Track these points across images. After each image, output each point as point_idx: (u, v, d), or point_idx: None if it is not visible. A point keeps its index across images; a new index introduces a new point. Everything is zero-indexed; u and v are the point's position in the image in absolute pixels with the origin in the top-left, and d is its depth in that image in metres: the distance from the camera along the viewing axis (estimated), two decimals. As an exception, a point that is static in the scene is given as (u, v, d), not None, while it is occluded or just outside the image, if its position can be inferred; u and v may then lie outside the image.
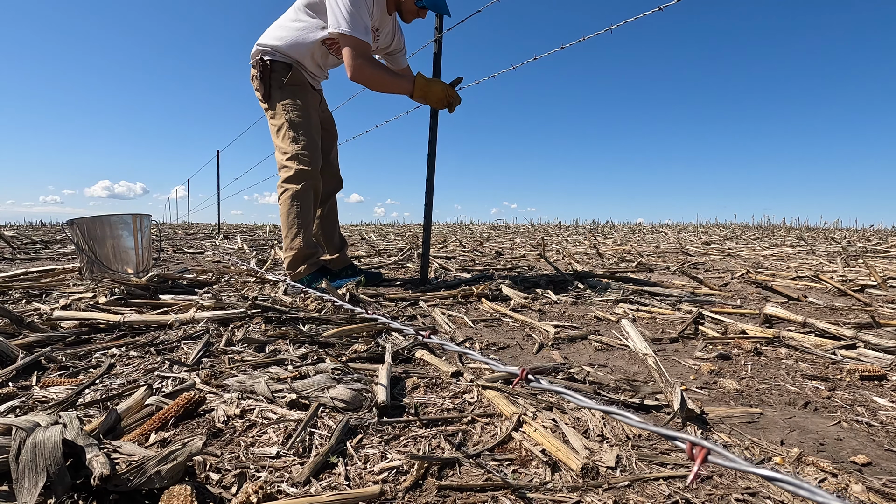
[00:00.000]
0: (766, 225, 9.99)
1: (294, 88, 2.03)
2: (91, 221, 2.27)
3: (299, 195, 2.01)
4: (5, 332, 1.25)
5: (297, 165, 2.00)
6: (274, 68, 2.01)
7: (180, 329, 1.37)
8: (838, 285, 2.18)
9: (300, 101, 2.03)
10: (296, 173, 2.01)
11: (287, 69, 2.01)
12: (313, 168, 2.03)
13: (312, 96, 2.11)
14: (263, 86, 2.03)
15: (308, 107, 2.05)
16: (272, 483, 0.64)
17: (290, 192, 2.02)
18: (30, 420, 0.64)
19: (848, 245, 5.01)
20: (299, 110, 2.02)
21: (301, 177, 2.01)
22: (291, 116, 2.01)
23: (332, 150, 2.34)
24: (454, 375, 1.04)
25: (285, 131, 2.02)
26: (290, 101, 2.02)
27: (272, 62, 2.00)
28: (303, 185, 2.01)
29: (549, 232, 8.33)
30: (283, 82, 2.01)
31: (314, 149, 2.05)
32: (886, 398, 0.98)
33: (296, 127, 2.01)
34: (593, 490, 0.65)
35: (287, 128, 2.02)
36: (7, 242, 3.89)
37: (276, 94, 2.03)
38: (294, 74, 2.02)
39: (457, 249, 4.36)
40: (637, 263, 3.21)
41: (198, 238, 6.44)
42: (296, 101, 2.02)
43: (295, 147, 2.01)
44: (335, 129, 2.37)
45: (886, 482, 0.68)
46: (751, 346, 1.30)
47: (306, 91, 2.06)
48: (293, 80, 2.02)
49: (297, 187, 2.01)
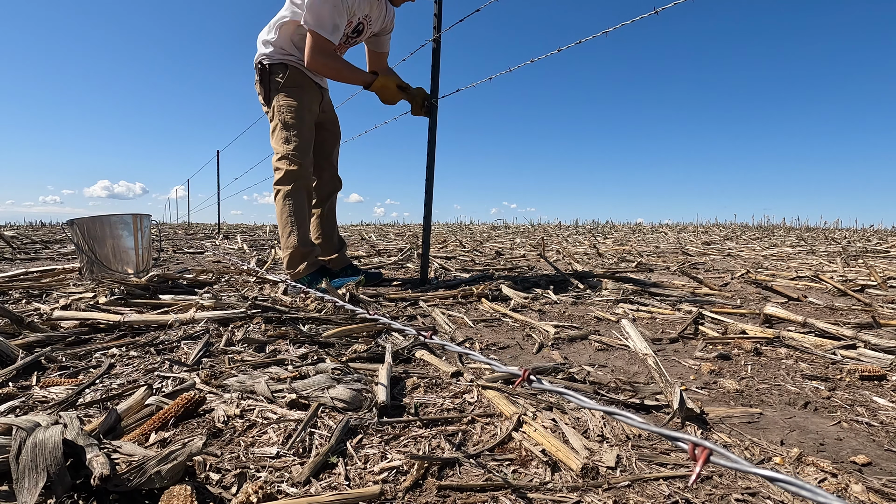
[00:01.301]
0: (766, 225, 9.99)
1: (291, 89, 2.05)
2: (91, 221, 2.27)
3: (290, 194, 2.04)
4: (5, 332, 1.25)
5: (286, 166, 2.04)
6: (272, 70, 2.04)
7: (180, 329, 1.37)
8: (838, 285, 2.18)
9: (295, 102, 2.05)
10: (285, 174, 2.05)
11: (284, 69, 2.04)
12: (302, 168, 2.05)
13: (312, 97, 2.12)
14: (263, 89, 2.08)
15: (303, 108, 2.07)
16: (272, 483, 0.64)
17: (281, 193, 2.06)
18: (30, 420, 0.64)
19: (848, 245, 5.01)
20: (293, 111, 2.05)
21: (290, 177, 2.04)
22: (285, 117, 2.05)
23: (334, 151, 2.35)
24: (454, 375, 1.04)
25: (278, 132, 2.07)
26: (284, 103, 2.05)
27: (270, 65, 2.04)
28: (293, 185, 2.04)
29: (548, 232, 8.33)
30: (281, 83, 2.04)
31: (305, 149, 2.07)
32: (886, 398, 0.98)
33: (288, 128, 2.05)
34: (593, 490, 0.65)
35: (280, 128, 2.06)
36: (7, 242, 3.89)
37: (273, 96, 2.06)
38: (291, 74, 2.04)
39: (457, 249, 4.36)
40: (637, 263, 3.21)
41: (198, 238, 6.44)
42: (290, 102, 2.05)
43: (286, 148, 2.05)
44: (338, 129, 2.38)
45: (886, 482, 0.68)
46: (751, 346, 1.30)
47: (304, 91, 2.08)
48: (290, 80, 2.04)
49: (287, 188, 2.05)
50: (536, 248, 4.49)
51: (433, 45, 2.11)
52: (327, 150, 2.30)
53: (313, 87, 2.13)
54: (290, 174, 2.04)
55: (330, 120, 2.31)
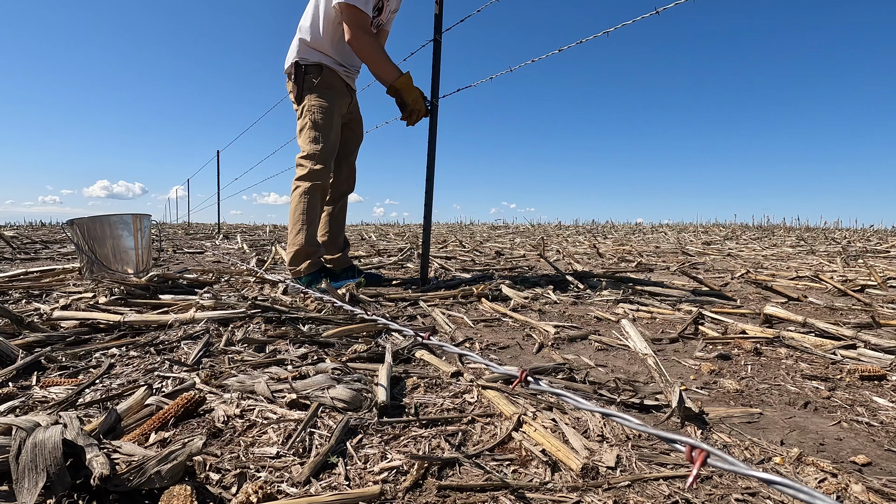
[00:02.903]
0: (766, 225, 9.99)
1: (324, 91, 2.08)
2: (91, 221, 2.27)
3: (308, 193, 2.07)
4: (5, 332, 1.25)
5: (311, 164, 2.07)
6: (307, 70, 2.07)
7: (180, 329, 1.37)
8: (838, 285, 2.18)
9: (327, 104, 2.08)
10: (308, 172, 2.07)
11: (319, 70, 2.07)
12: (325, 169, 2.08)
13: (343, 100, 2.15)
14: (297, 87, 2.10)
15: (333, 110, 2.09)
16: (272, 483, 0.64)
17: (301, 190, 2.08)
18: (30, 420, 0.64)
19: (848, 245, 5.01)
20: (324, 112, 2.07)
21: (312, 176, 2.07)
22: (315, 118, 2.07)
23: (355, 152, 2.39)
24: (454, 375, 1.04)
25: (307, 131, 2.09)
26: (316, 103, 2.07)
27: (306, 66, 2.07)
28: (313, 184, 2.07)
29: (548, 232, 8.33)
30: (315, 83, 2.07)
31: (331, 152, 2.10)
32: (886, 398, 0.98)
33: (317, 128, 2.07)
34: (593, 490, 0.65)
35: (309, 128, 2.08)
36: (7, 242, 3.89)
37: (305, 95, 2.09)
38: (326, 76, 2.07)
39: (457, 249, 4.36)
40: (637, 263, 3.21)
41: (198, 238, 6.44)
42: (322, 103, 2.07)
43: (313, 147, 2.07)
44: (362, 131, 2.41)
45: (886, 482, 0.68)
46: (751, 346, 1.30)
47: (337, 94, 2.11)
48: (325, 81, 2.07)
49: (307, 185, 2.07)
50: (536, 248, 4.49)
51: (433, 45, 2.11)
52: (348, 150, 2.33)
53: (345, 90, 2.16)
54: (312, 173, 2.07)
55: (355, 121, 2.34)
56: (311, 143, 2.07)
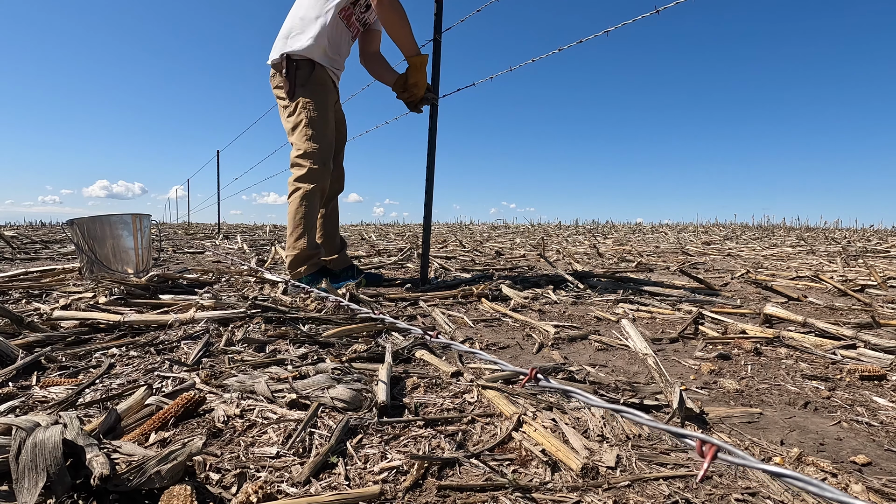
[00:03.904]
0: (766, 225, 9.99)
1: (317, 87, 2.03)
2: (91, 221, 2.27)
3: (309, 195, 2.02)
4: (5, 332, 1.25)
5: (310, 164, 2.01)
6: (299, 66, 2.01)
7: (180, 329, 1.37)
8: (838, 285, 2.18)
9: (320, 101, 2.04)
10: (308, 172, 2.01)
11: (311, 66, 2.02)
12: (325, 169, 2.04)
13: (332, 96, 2.12)
14: (288, 82, 2.02)
15: (328, 108, 2.06)
16: (272, 483, 0.64)
17: (301, 192, 2.02)
18: (30, 420, 0.64)
19: (848, 245, 5.01)
20: (319, 109, 2.03)
21: (313, 177, 2.02)
22: (311, 114, 2.02)
23: (341, 152, 2.36)
24: (454, 375, 1.04)
25: (303, 129, 2.02)
26: (311, 100, 2.02)
27: (297, 60, 2.01)
28: (314, 185, 2.02)
29: (548, 232, 8.33)
30: (308, 79, 2.02)
31: (329, 150, 2.06)
32: (886, 398, 0.98)
33: (314, 125, 2.02)
34: (593, 490, 0.65)
35: (305, 125, 2.02)
36: (7, 242, 3.89)
37: (298, 91, 2.03)
38: (318, 71, 2.02)
39: (457, 249, 4.36)
40: (637, 263, 3.21)
41: (198, 238, 6.44)
42: (317, 100, 2.03)
43: (311, 146, 2.01)
44: (346, 129, 2.37)
45: (886, 482, 0.68)
46: (751, 346, 1.30)
47: (328, 91, 2.08)
48: (317, 78, 2.03)
49: (308, 187, 2.02)
50: (536, 247, 4.49)
51: (433, 45, 2.11)
52: (336, 150, 2.29)
53: (334, 88, 2.13)
54: (313, 173, 2.01)
55: (339, 120, 2.30)
56: (309, 141, 2.01)
